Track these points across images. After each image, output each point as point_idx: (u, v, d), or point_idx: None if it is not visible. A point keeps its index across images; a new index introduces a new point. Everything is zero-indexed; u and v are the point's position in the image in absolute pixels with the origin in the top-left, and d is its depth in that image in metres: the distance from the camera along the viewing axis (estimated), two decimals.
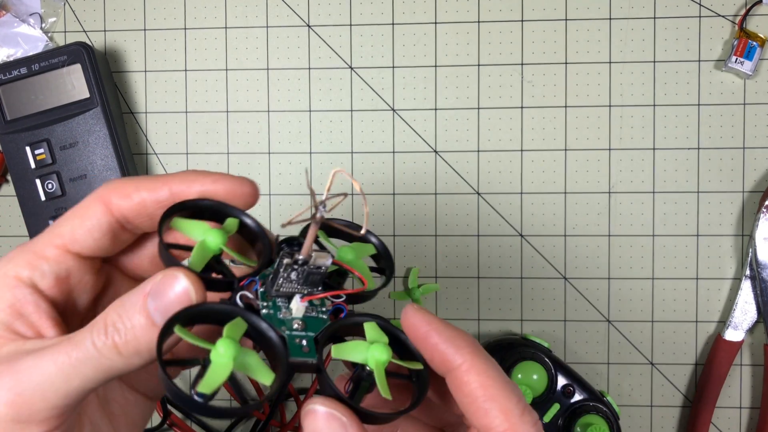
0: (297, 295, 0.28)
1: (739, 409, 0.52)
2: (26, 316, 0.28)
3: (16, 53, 0.55)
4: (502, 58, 0.53)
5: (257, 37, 0.54)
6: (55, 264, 0.29)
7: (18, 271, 0.28)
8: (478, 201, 0.53)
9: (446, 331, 0.27)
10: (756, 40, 0.50)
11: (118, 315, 0.27)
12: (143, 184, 0.29)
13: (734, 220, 0.52)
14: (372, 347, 0.27)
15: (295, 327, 0.28)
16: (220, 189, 0.29)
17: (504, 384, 0.27)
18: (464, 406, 0.27)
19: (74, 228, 0.29)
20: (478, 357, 0.27)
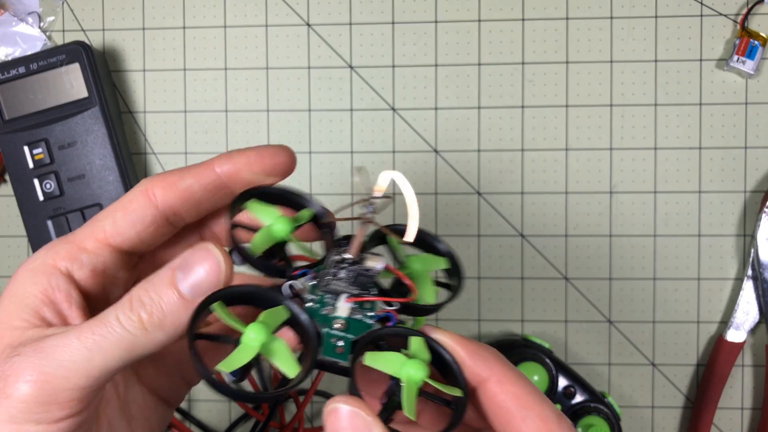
0: (344, 294, 0.28)
1: (741, 410, 0.52)
2: (56, 304, 0.28)
3: (14, 52, 0.54)
4: (503, 57, 0.53)
5: (256, 36, 0.54)
6: (93, 256, 0.29)
7: (56, 260, 0.28)
8: (479, 201, 0.53)
9: (471, 345, 0.27)
10: (758, 39, 0.50)
11: (144, 290, 0.27)
12: (187, 172, 0.29)
13: (736, 220, 0.52)
14: (408, 362, 0.26)
15: (336, 326, 0.27)
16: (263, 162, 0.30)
17: (536, 392, 0.27)
18: (498, 417, 0.27)
19: (117, 221, 0.29)
20: (506, 368, 0.27)
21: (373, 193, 0.26)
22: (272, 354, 0.26)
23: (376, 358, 0.26)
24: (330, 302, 0.28)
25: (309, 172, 0.53)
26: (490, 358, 0.27)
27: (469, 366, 0.27)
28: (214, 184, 0.30)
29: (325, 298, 0.28)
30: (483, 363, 0.27)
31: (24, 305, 0.28)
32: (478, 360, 0.27)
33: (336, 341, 0.27)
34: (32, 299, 0.28)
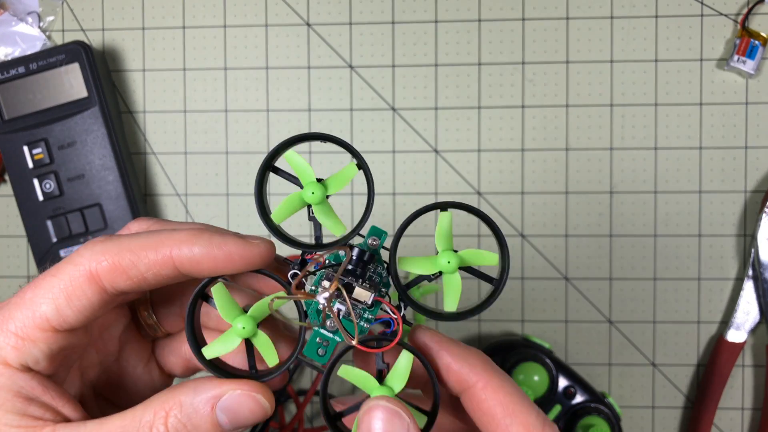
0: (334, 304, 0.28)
1: (741, 410, 0.52)
2: (37, 399, 0.27)
3: (14, 52, 0.54)
4: (503, 57, 0.53)
5: (256, 35, 0.54)
6: (44, 345, 0.27)
7: (4, 355, 0.27)
8: (479, 201, 0.53)
9: (457, 350, 0.27)
10: (758, 39, 0.50)
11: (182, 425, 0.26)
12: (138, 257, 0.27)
13: (736, 220, 0.52)
14: (378, 389, 0.26)
15: (328, 324, 0.28)
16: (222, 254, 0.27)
17: (522, 399, 0.27)
18: (483, 424, 0.27)
19: (60, 307, 0.27)
20: (493, 374, 0.27)
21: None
22: (256, 343, 0.27)
23: (349, 373, 0.27)
24: None
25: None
26: (477, 363, 0.27)
27: (455, 371, 0.27)
28: (169, 276, 0.28)
29: None
30: (469, 368, 0.27)
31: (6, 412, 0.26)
32: (464, 365, 0.27)
33: (321, 341, 0.28)
34: (10, 404, 0.26)
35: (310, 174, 0.28)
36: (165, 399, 0.27)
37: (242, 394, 0.27)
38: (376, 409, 0.25)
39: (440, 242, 0.28)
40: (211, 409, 0.26)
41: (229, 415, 0.26)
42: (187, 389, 0.27)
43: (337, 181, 0.28)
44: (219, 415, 0.26)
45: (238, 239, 0.27)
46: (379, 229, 0.29)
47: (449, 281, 0.28)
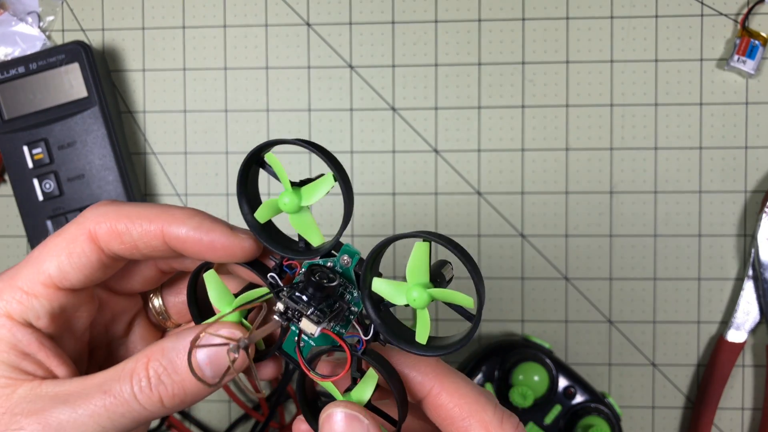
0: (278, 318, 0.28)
1: (741, 410, 0.52)
2: (32, 355, 0.27)
3: (13, 52, 0.54)
4: (503, 57, 0.53)
5: (256, 35, 0.54)
6: (47, 302, 0.28)
7: (8, 309, 0.28)
8: (479, 201, 0.53)
9: (409, 359, 0.27)
10: (758, 39, 0.50)
11: (163, 368, 0.26)
12: (133, 224, 0.28)
13: (736, 220, 0.52)
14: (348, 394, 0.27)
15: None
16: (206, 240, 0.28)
17: (477, 397, 0.27)
18: (445, 428, 0.27)
19: (62, 264, 0.28)
20: (445, 377, 0.27)
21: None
22: None
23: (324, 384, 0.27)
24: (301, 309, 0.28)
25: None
26: (428, 369, 0.27)
27: (410, 380, 0.27)
28: (158, 248, 0.28)
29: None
30: (422, 376, 0.27)
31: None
32: (416, 373, 0.27)
33: (299, 341, 0.28)
34: (5, 356, 0.27)
35: (285, 181, 0.27)
36: (149, 349, 0.27)
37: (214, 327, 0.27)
38: (334, 414, 0.26)
39: (411, 275, 0.26)
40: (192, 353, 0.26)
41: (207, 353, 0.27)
42: (170, 336, 0.27)
43: (311, 192, 0.27)
44: (199, 357, 0.27)
45: (225, 229, 0.28)
46: (353, 249, 0.28)
47: (419, 315, 0.27)
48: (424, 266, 0.26)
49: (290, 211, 0.27)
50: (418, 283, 0.26)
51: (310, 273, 0.27)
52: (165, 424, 0.53)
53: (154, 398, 0.26)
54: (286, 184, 0.27)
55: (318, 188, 0.27)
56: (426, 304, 0.26)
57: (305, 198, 0.27)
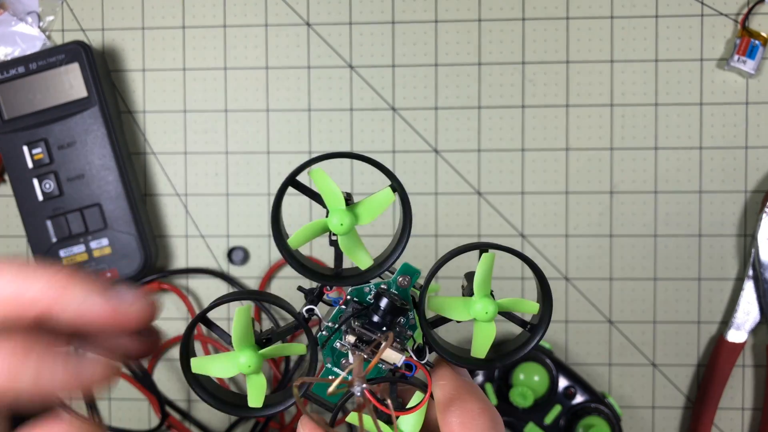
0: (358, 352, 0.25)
1: (742, 410, 0.52)
2: None
3: (13, 52, 0.54)
4: (503, 57, 0.52)
5: (256, 35, 0.54)
6: None
7: None
8: (479, 201, 0.53)
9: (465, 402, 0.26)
10: (758, 38, 0.50)
11: None
12: None
13: (737, 220, 0.52)
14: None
15: (342, 364, 0.26)
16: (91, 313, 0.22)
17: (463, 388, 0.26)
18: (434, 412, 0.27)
19: None
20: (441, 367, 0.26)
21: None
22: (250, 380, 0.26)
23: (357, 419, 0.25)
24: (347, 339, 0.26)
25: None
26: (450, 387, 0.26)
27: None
28: None
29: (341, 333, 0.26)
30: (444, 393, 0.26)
31: None
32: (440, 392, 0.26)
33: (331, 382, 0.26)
34: None
35: (339, 200, 0.25)
36: None
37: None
38: None
39: (479, 287, 0.25)
40: None
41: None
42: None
43: (369, 208, 0.25)
44: None
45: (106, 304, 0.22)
46: (412, 268, 0.26)
47: (483, 329, 0.26)
48: (488, 278, 0.25)
49: (344, 232, 0.24)
50: (485, 296, 0.25)
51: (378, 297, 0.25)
52: (165, 424, 0.53)
53: None
54: (339, 203, 0.25)
55: (376, 204, 0.24)
56: (494, 317, 0.25)
57: (363, 216, 0.25)
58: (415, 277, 0.26)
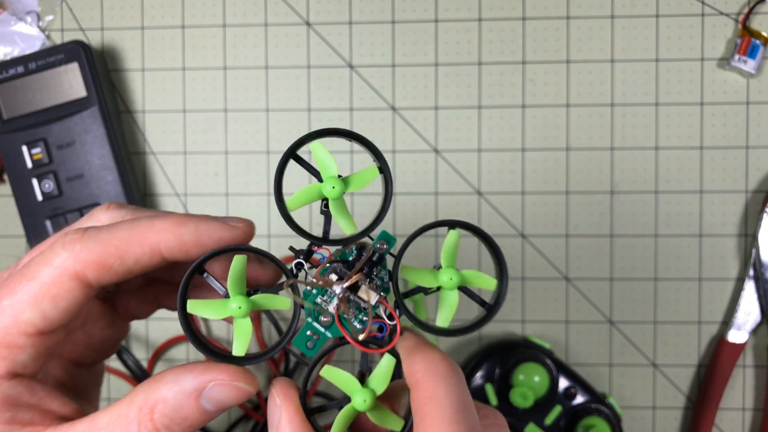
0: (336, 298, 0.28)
1: (742, 410, 0.52)
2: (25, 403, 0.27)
3: (12, 52, 0.54)
4: (504, 57, 0.52)
5: (256, 35, 0.53)
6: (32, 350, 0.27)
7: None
8: (479, 201, 0.53)
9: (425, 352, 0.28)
10: (759, 38, 0.50)
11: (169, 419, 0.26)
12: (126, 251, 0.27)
13: (737, 220, 0.52)
14: (358, 391, 0.27)
15: (322, 320, 0.29)
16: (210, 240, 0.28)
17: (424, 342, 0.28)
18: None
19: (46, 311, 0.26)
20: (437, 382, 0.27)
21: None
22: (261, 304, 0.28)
23: (332, 373, 0.28)
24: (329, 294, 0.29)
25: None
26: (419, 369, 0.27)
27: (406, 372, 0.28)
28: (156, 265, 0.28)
29: (327, 290, 0.29)
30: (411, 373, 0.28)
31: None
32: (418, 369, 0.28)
33: (312, 334, 0.29)
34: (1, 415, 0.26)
35: (333, 168, 0.28)
36: (147, 394, 0.27)
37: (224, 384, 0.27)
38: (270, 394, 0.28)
39: (445, 258, 0.29)
40: (195, 400, 0.27)
41: (214, 402, 0.27)
42: (167, 382, 0.27)
43: (357, 180, 0.28)
44: (204, 404, 0.27)
45: (221, 224, 0.28)
46: (390, 235, 0.29)
47: (447, 297, 0.29)
48: (454, 252, 0.29)
49: (334, 197, 0.28)
50: (450, 266, 0.28)
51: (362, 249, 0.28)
52: None
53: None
54: (332, 171, 0.28)
55: (364, 178, 0.28)
56: (456, 286, 0.28)
57: (351, 185, 0.28)
58: (391, 243, 0.29)
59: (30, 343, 0.27)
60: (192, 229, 0.27)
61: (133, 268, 0.27)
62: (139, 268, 0.27)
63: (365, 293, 0.28)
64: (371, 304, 0.28)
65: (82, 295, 0.27)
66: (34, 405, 0.27)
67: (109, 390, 0.54)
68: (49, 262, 0.27)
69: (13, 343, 0.26)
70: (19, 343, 0.27)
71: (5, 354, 0.26)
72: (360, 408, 0.27)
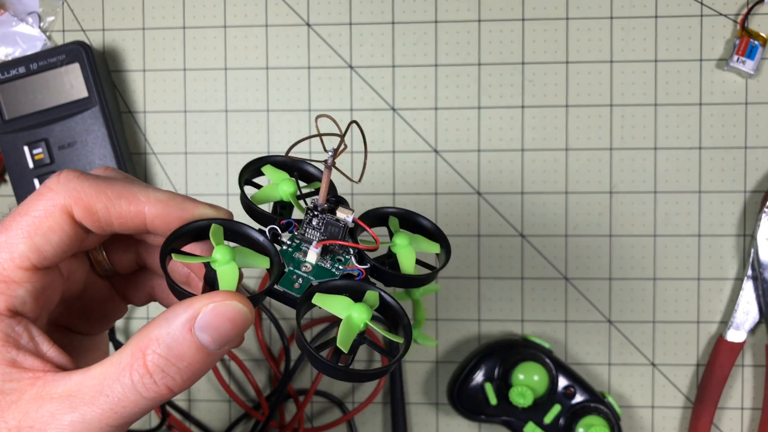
0: (314, 240, 0.30)
1: (741, 410, 0.52)
2: (25, 346, 0.27)
3: (14, 52, 0.54)
4: (503, 57, 0.53)
5: (256, 35, 0.54)
6: (30, 285, 0.27)
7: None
8: (479, 201, 0.53)
9: None
10: (758, 39, 0.50)
11: (163, 359, 0.25)
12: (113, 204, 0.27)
13: (736, 220, 0.52)
14: (354, 306, 0.28)
15: (303, 269, 0.30)
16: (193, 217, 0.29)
17: None
18: None
19: (38, 245, 0.27)
20: None
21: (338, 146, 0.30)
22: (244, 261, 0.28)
23: (324, 299, 0.28)
24: (304, 248, 0.30)
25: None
26: None
27: None
28: (134, 229, 0.28)
29: (301, 245, 0.30)
30: None
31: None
32: None
33: (296, 278, 0.29)
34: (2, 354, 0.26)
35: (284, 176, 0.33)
36: (139, 339, 0.26)
37: (217, 306, 0.26)
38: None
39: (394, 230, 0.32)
40: (190, 332, 0.25)
41: (210, 332, 0.25)
42: (159, 322, 0.26)
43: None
44: (200, 336, 0.25)
45: (208, 206, 0.29)
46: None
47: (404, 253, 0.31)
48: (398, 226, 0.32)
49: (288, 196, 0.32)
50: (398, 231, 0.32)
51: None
52: (165, 424, 0.53)
53: (161, 390, 0.25)
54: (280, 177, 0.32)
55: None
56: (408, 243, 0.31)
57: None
58: None
59: (27, 278, 0.27)
60: (179, 203, 0.28)
61: (113, 222, 0.28)
62: (119, 225, 0.28)
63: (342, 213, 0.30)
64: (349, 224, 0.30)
65: (72, 231, 0.27)
66: (33, 350, 0.27)
67: None
68: (42, 196, 0.27)
69: (10, 278, 0.27)
70: (16, 278, 0.27)
71: (3, 289, 0.27)
72: (358, 320, 0.27)
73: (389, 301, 0.29)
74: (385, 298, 0.29)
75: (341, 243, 0.30)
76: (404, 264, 0.31)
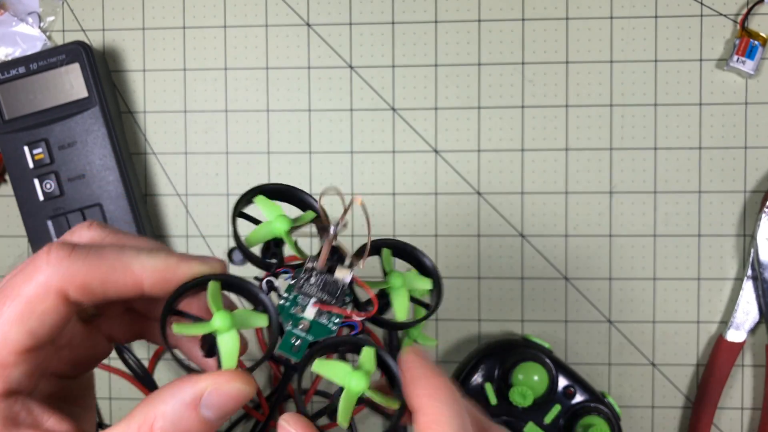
0: (313, 298, 0.30)
1: (741, 410, 0.52)
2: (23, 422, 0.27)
3: (14, 52, 0.54)
4: (503, 57, 0.53)
5: (256, 35, 0.54)
6: (25, 366, 0.27)
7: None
8: (479, 201, 0.53)
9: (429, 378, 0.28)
10: (758, 39, 0.50)
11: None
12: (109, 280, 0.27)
13: (736, 220, 0.52)
14: (352, 373, 0.28)
15: (300, 327, 0.30)
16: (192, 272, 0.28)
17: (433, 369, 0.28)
18: None
19: (33, 329, 0.26)
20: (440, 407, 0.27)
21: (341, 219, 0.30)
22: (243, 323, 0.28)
23: (323, 365, 0.28)
24: (301, 303, 0.30)
25: (309, 172, 0.53)
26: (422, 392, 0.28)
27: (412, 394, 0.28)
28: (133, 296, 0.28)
29: (298, 299, 0.30)
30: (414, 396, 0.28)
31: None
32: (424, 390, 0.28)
33: (295, 340, 0.29)
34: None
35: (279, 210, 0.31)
36: (146, 412, 0.26)
37: (222, 387, 0.27)
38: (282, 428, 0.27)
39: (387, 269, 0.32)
40: (195, 410, 0.26)
41: (214, 409, 0.27)
42: (165, 396, 0.27)
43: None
44: (204, 412, 0.26)
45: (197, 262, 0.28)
46: None
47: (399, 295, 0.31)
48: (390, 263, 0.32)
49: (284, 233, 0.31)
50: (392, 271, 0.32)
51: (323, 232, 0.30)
52: None
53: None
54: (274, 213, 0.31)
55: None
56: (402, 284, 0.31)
57: None
58: None
59: (21, 360, 0.27)
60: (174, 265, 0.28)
61: (111, 295, 0.28)
62: (117, 295, 0.28)
63: (340, 272, 0.30)
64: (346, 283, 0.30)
65: (67, 311, 0.27)
66: (32, 424, 0.27)
67: (110, 390, 0.55)
68: (33, 279, 0.27)
69: (5, 362, 0.27)
70: (11, 362, 0.27)
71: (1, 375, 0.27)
72: (357, 389, 0.27)
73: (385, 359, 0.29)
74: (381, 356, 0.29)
75: (338, 311, 0.30)
76: (398, 309, 0.31)
